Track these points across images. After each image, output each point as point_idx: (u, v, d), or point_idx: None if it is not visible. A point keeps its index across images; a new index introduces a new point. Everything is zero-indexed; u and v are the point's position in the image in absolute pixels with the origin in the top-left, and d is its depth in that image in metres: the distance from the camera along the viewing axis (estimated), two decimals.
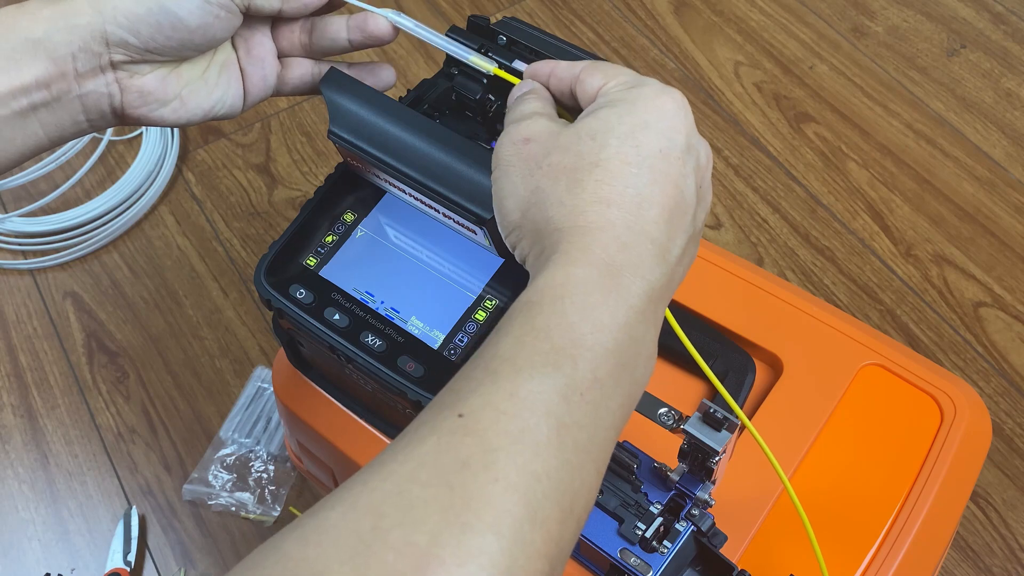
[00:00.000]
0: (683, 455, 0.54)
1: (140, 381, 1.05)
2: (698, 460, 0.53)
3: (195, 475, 0.97)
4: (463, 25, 0.60)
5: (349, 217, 0.58)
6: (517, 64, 0.57)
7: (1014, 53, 1.28)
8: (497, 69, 0.53)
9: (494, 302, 0.55)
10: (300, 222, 0.57)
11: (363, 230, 0.58)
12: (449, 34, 0.59)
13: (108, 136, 1.22)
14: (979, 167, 1.17)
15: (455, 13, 1.37)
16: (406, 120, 0.52)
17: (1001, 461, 0.96)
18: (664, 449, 0.57)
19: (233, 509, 0.95)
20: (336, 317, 0.55)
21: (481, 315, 0.54)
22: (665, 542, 0.54)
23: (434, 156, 0.50)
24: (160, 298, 1.11)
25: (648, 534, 0.53)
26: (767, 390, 0.67)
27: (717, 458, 0.52)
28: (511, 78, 0.52)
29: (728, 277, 0.71)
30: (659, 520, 0.54)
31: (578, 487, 0.37)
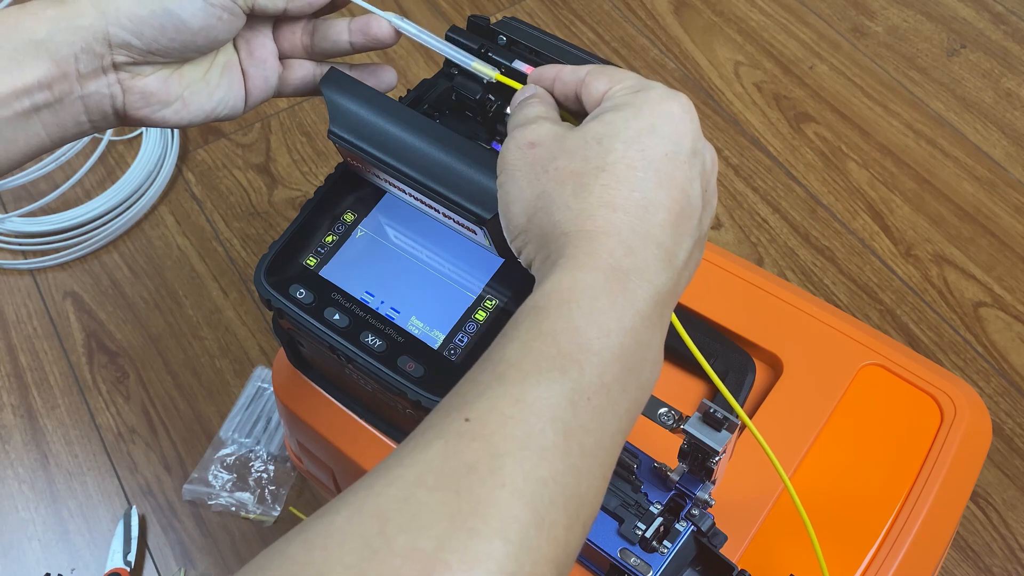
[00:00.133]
0: (683, 455, 0.54)
1: (140, 381, 1.05)
2: (698, 460, 0.53)
3: (195, 475, 0.97)
4: (463, 25, 0.60)
5: (349, 217, 0.58)
6: (517, 64, 0.57)
7: (1014, 53, 1.28)
8: (500, 75, 0.53)
9: (494, 302, 0.55)
10: (300, 222, 0.57)
11: (363, 230, 0.58)
12: (449, 34, 0.59)
13: (108, 136, 1.22)
14: (979, 167, 1.17)
15: (455, 13, 1.37)
16: (406, 120, 0.52)
17: (1001, 461, 0.96)
18: (664, 449, 0.57)
19: (233, 509, 0.95)
20: (336, 317, 0.55)
21: (481, 315, 0.54)
22: (665, 542, 0.54)
23: (434, 156, 0.50)
24: (160, 298, 1.11)
25: (648, 534, 0.53)
26: (767, 390, 0.67)
27: (717, 458, 0.52)
28: (514, 84, 0.51)
29: (728, 277, 0.71)
30: (659, 520, 0.54)
31: (584, 492, 0.37)
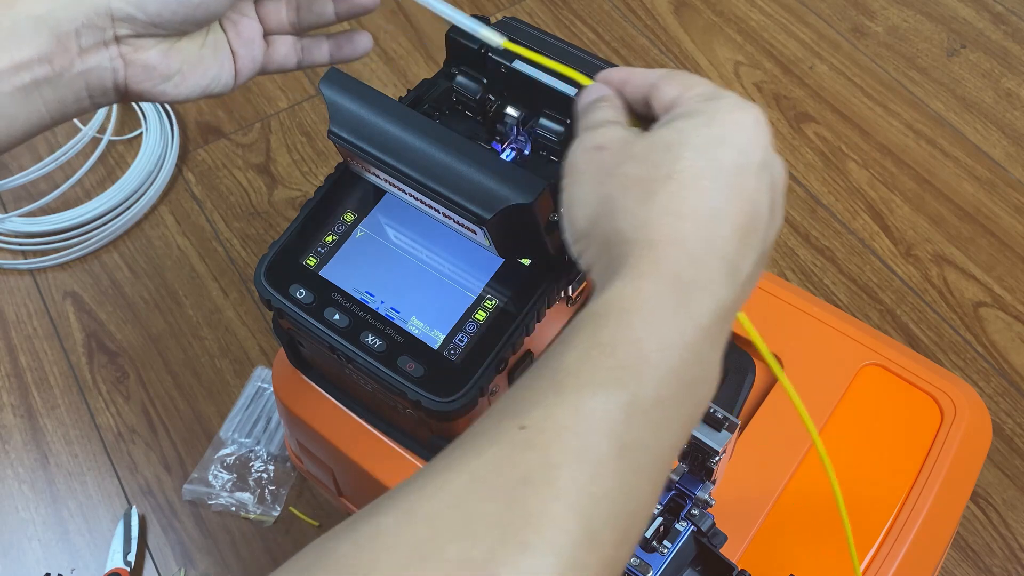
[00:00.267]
0: (683, 455, 0.54)
1: (140, 381, 1.05)
2: (698, 460, 0.53)
3: (195, 475, 0.97)
4: None
5: (349, 217, 0.58)
6: (517, 64, 0.57)
7: (1014, 53, 1.28)
8: (508, 43, 0.52)
9: (494, 302, 0.55)
10: (300, 222, 0.58)
11: (363, 230, 0.58)
12: (450, 34, 0.59)
13: (108, 136, 1.22)
14: (979, 167, 1.17)
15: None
16: (406, 120, 0.52)
17: (1001, 461, 0.96)
18: None
19: (233, 509, 0.95)
20: (336, 317, 0.55)
21: (481, 315, 0.54)
22: (665, 542, 0.54)
23: (434, 156, 0.50)
24: (160, 298, 1.11)
25: (648, 534, 0.53)
26: (767, 390, 0.67)
27: (717, 458, 0.52)
28: (584, 79, 0.49)
29: None
30: (659, 520, 0.54)
31: (634, 510, 0.36)
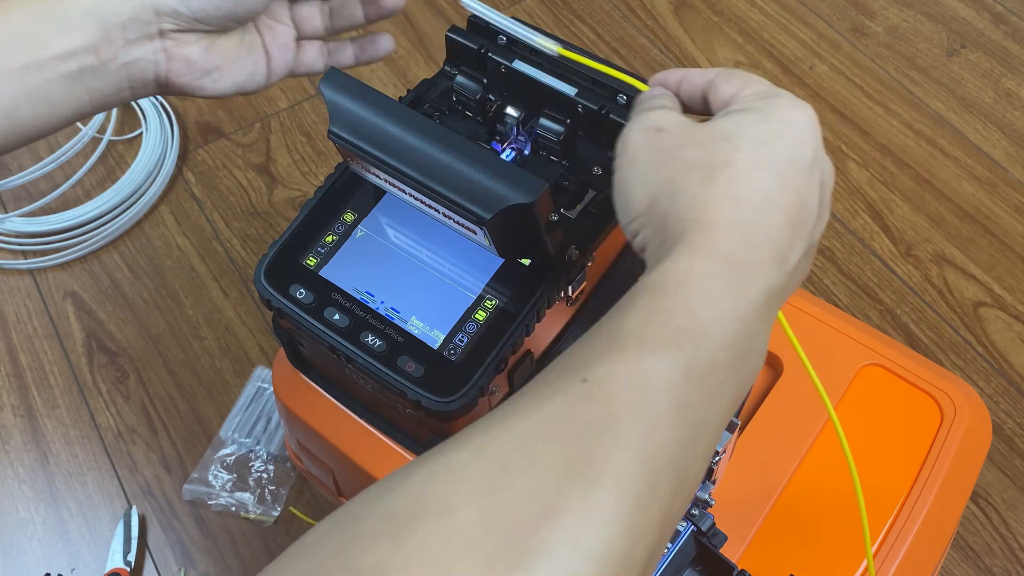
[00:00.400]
0: None
1: (140, 381, 1.05)
2: None
3: (195, 475, 0.97)
4: (463, 25, 0.60)
5: (349, 217, 0.58)
6: (517, 64, 0.57)
7: (1014, 53, 1.28)
8: (563, 50, 0.53)
9: (494, 302, 0.55)
10: (300, 222, 0.57)
11: (363, 230, 0.58)
12: (449, 34, 0.59)
13: (108, 136, 1.22)
14: (979, 167, 1.17)
15: (455, 13, 1.37)
16: (406, 120, 0.52)
17: (1001, 461, 0.96)
18: None
19: (233, 509, 0.95)
20: (336, 317, 0.55)
21: (481, 315, 0.54)
22: None
23: (434, 156, 0.50)
24: (160, 298, 1.11)
25: None
26: (767, 390, 0.67)
27: (717, 458, 0.52)
28: (640, 85, 0.51)
29: None
30: None
31: (688, 466, 0.37)
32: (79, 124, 1.20)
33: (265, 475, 0.97)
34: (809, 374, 0.49)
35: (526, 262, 0.55)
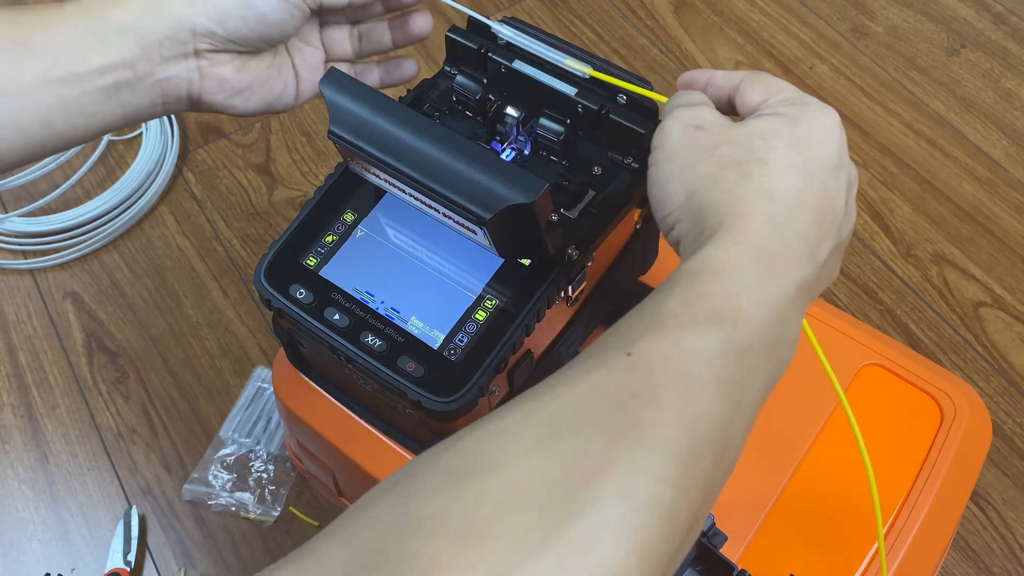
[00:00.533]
0: None
1: (140, 381, 1.05)
2: None
3: (195, 475, 0.97)
4: (463, 25, 0.60)
5: (349, 217, 0.58)
6: (517, 64, 0.57)
7: (1014, 53, 1.28)
8: (593, 71, 0.55)
9: (494, 302, 0.55)
10: (300, 222, 0.57)
11: (363, 230, 0.58)
12: (449, 34, 0.59)
13: (108, 136, 1.22)
14: (979, 167, 1.17)
15: (455, 13, 1.37)
16: (406, 120, 0.52)
17: (1001, 461, 0.96)
18: None
19: (233, 509, 0.96)
20: (336, 317, 0.55)
21: (481, 315, 0.54)
22: None
23: (434, 156, 0.50)
24: (160, 298, 1.11)
25: None
26: None
27: None
28: (659, 98, 0.53)
29: None
30: None
31: (729, 438, 0.39)
32: None
33: (265, 475, 0.97)
34: (822, 364, 0.49)
35: (526, 262, 0.55)
